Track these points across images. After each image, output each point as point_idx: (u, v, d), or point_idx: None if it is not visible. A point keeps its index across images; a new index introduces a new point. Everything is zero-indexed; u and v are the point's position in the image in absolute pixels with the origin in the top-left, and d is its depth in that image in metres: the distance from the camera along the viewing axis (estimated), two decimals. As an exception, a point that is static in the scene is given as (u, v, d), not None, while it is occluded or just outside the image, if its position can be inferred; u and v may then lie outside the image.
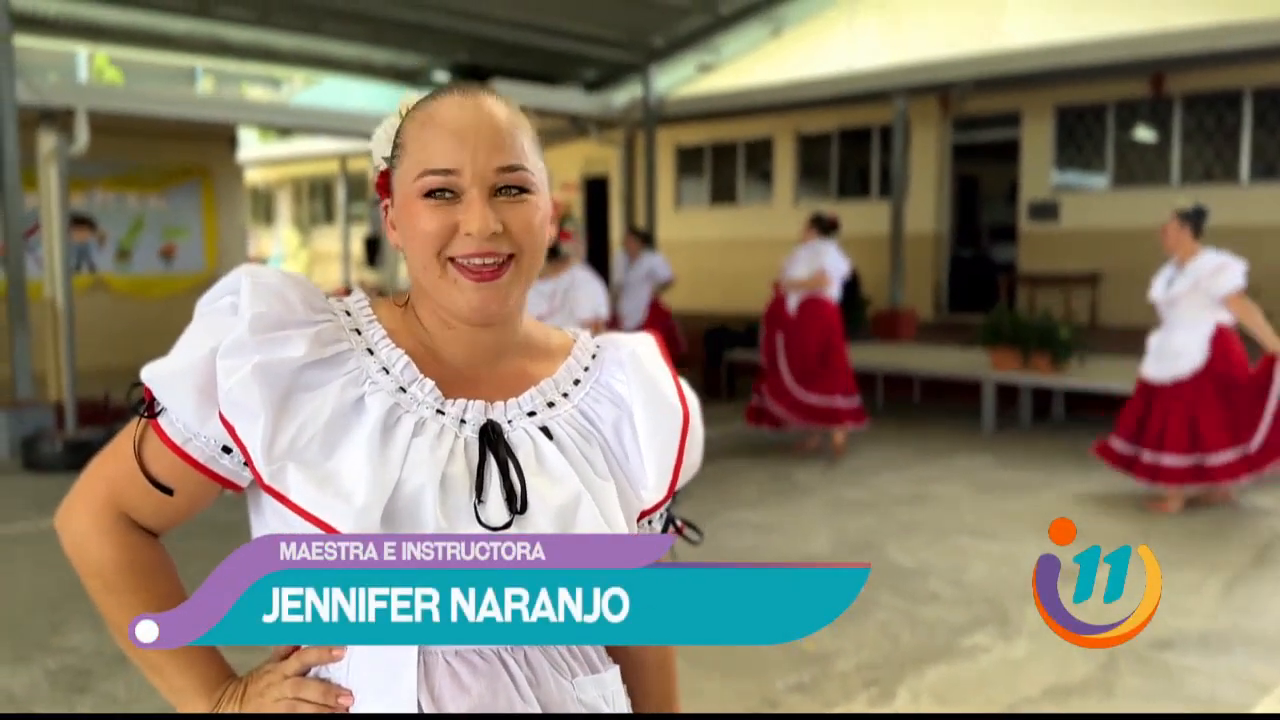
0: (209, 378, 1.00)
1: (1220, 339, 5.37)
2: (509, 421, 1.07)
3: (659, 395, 1.13)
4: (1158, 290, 5.51)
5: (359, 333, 1.08)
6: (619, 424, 1.12)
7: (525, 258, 1.06)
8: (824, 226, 7.08)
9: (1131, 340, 5.59)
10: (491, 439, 1.04)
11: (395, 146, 1.09)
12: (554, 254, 5.94)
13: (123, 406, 1.13)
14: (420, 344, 1.10)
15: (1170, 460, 5.44)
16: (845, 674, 3.56)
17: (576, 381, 1.13)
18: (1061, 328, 7.94)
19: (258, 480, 0.99)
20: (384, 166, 1.12)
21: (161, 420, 1.04)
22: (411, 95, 1.15)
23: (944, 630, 3.94)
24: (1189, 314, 5.38)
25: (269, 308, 1.02)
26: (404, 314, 1.12)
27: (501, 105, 1.08)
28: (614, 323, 8.40)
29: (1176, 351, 5.43)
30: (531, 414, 1.09)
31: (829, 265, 6.94)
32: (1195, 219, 5.39)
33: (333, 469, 0.99)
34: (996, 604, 4.20)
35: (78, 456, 6.76)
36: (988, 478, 6.45)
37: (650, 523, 1.13)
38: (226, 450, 1.02)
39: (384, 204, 1.12)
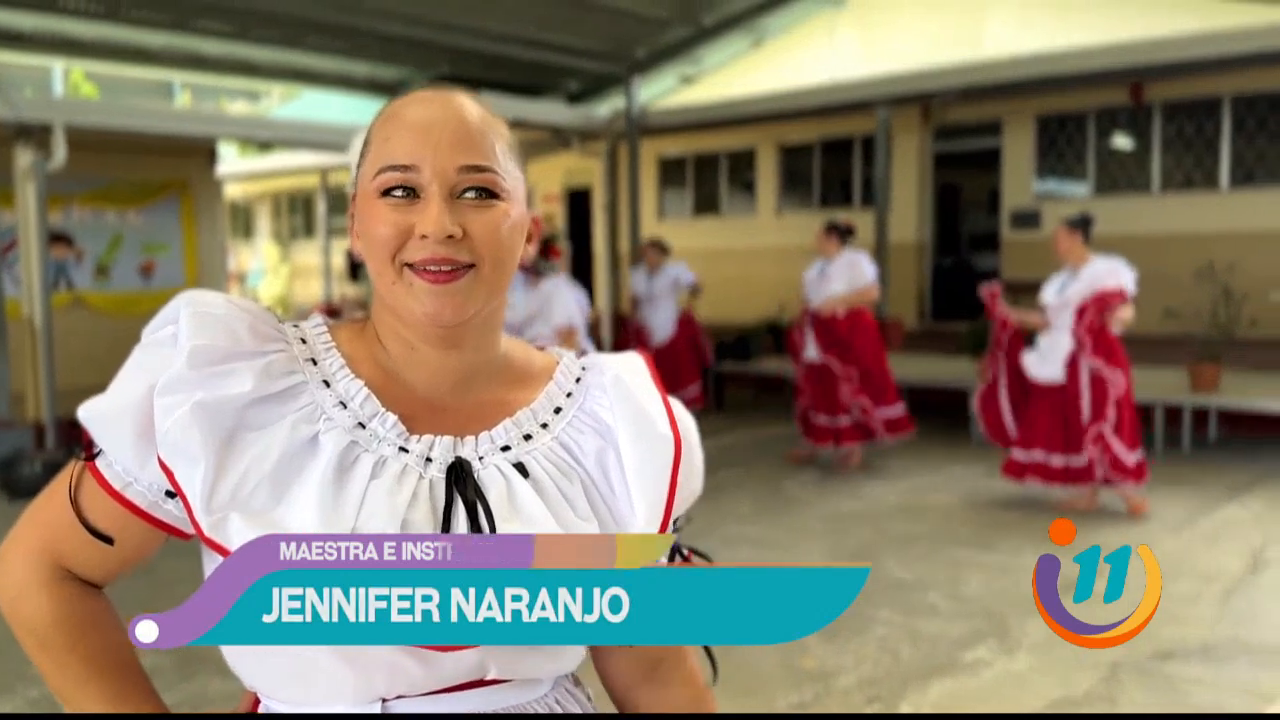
0: (148, 417, 0.92)
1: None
2: (480, 458, 0.98)
3: (646, 424, 1.03)
4: (1049, 294, 5.65)
5: (315, 363, 0.98)
6: (603, 455, 1.02)
7: (486, 267, 0.96)
8: (844, 234, 7.09)
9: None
10: (459, 479, 0.95)
11: (366, 144, 1.01)
12: (539, 271, 5.97)
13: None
14: (383, 371, 1.00)
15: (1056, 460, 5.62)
16: (847, 690, 3.52)
17: (558, 410, 1.04)
18: (1047, 335, 7.94)
19: (197, 531, 0.91)
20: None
21: (99, 463, 0.95)
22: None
23: (944, 644, 3.91)
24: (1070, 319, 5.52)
25: (211, 339, 0.93)
26: (366, 338, 1.03)
27: (473, 104, 0.99)
28: (641, 336, 8.38)
29: (1058, 356, 5.56)
30: (505, 449, 0.99)
31: (870, 273, 7.00)
32: (1084, 226, 5.55)
33: (280, 518, 0.90)
34: (996, 617, 4.17)
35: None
36: (980, 487, 6.43)
37: None
38: (170, 495, 0.93)
39: (350, 212, 1.03)
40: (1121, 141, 11.22)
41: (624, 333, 8.57)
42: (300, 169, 17.03)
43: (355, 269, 12.00)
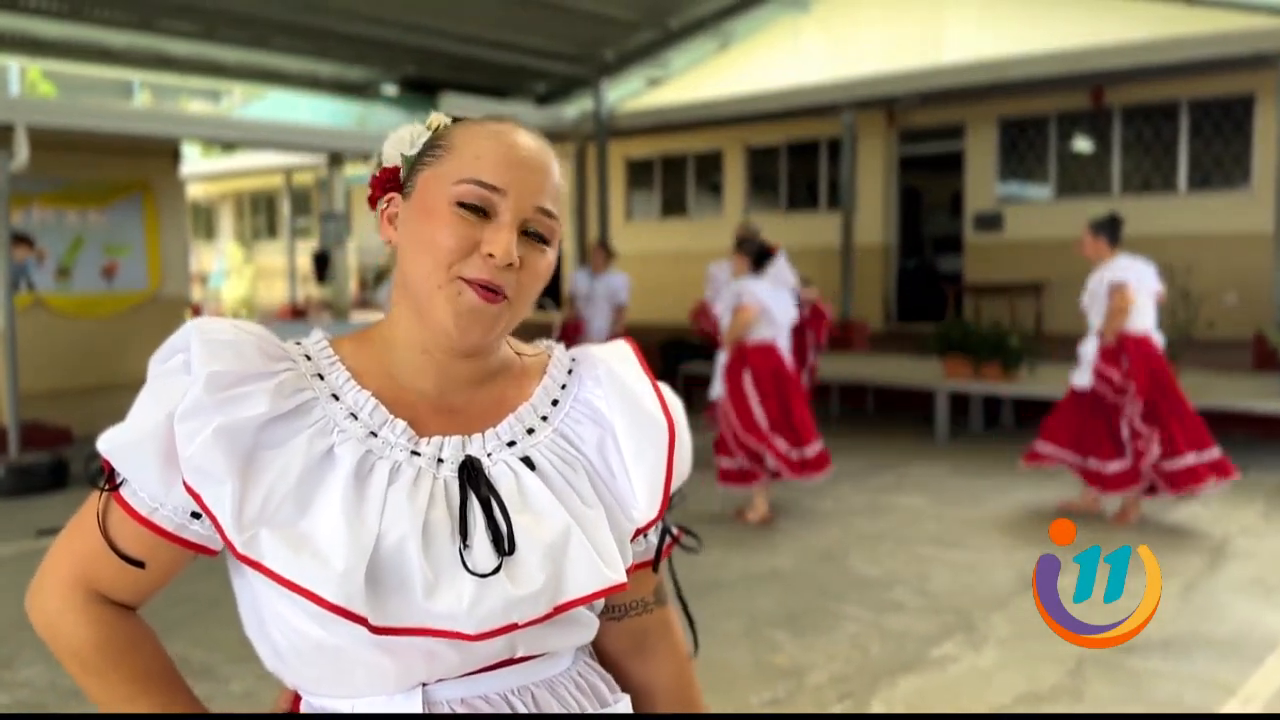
0: (169, 444, 0.94)
1: (1124, 346, 5.40)
2: (488, 455, 1.02)
3: (641, 411, 1.08)
4: (1084, 299, 5.61)
5: (322, 378, 1.02)
6: (603, 443, 1.07)
7: (520, 302, 1.03)
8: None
9: (1075, 347, 5.76)
10: (472, 477, 0.99)
11: (436, 146, 1.04)
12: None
13: (69, 430, 1.04)
14: (390, 378, 1.04)
15: (1113, 466, 5.51)
16: (819, 687, 3.56)
17: (555, 402, 1.08)
18: (1011, 336, 8.07)
19: (231, 550, 0.94)
20: (392, 163, 1.06)
21: (124, 491, 0.98)
22: (438, 115, 1.09)
23: (913, 641, 3.96)
24: (1093, 322, 5.51)
25: (223, 364, 0.96)
26: (372, 346, 1.06)
27: (556, 157, 1.07)
28: (578, 330, 8.43)
29: (1082, 360, 5.57)
30: (511, 444, 1.04)
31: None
32: (1109, 228, 5.45)
33: (307, 529, 0.93)
34: (963, 613, 4.23)
35: (21, 481, 6.58)
36: (945, 486, 6.51)
37: (646, 537, 1.10)
38: (196, 516, 0.97)
39: (389, 198, 1.06)
40: (1082, 145, 11.40)
41: (563, 330, 8.62)
42: (264, 169, 16.90)
43: (321, 271, 11.90)
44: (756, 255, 5.64)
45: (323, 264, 11.87)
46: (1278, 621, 4.11)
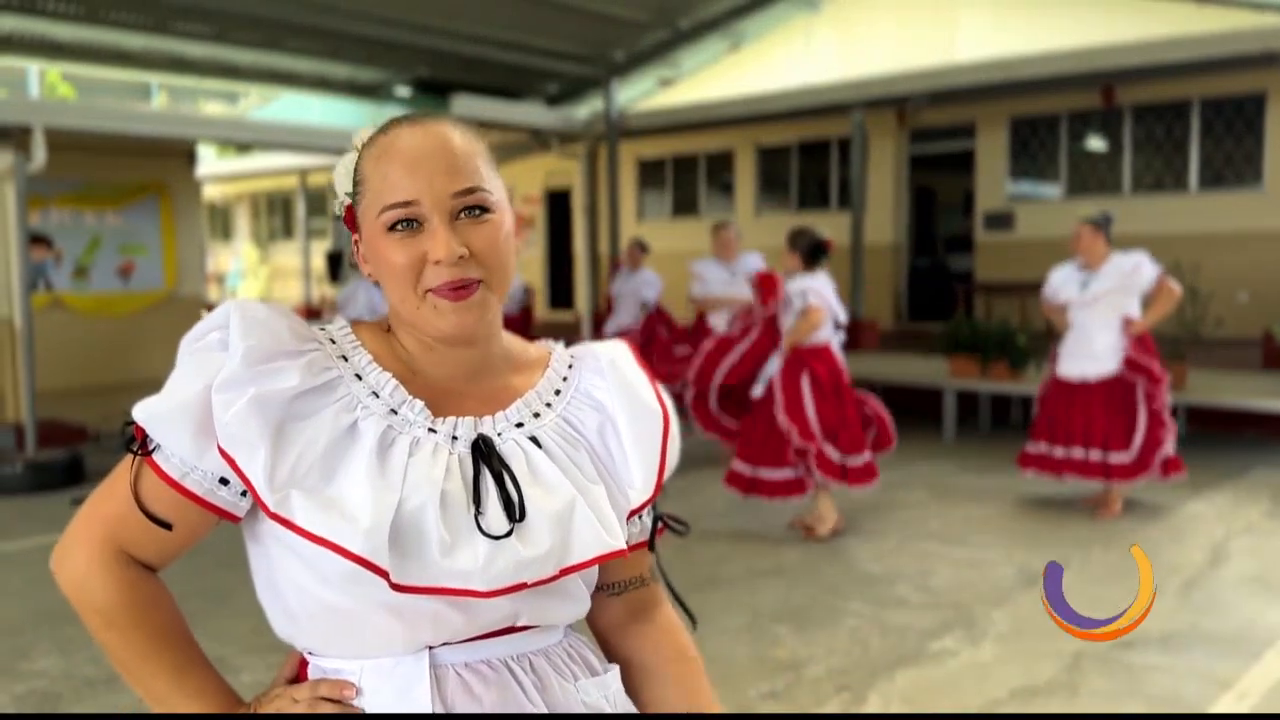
0: (204, 413, 1.02)
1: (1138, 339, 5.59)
2: (499, 434, 1.11)
3: (639, 400, 1.18)
4: (1070, 292, 5.64)
5: (345, 359, 1.11)
6: (603, 429, 1.17)
7: (494, 277, 1.10)
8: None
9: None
10: (485, 452, 1.08)
11: (356, 183, 1.13)
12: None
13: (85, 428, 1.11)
14: (404, 365, 1.13)
15: (1117, 457, 5.57)
16: (817, 680, 3.61)
17: (557, 391, 1.18)
18: (1019, 335, 8.08)
19: (264, 509, 1.01)
20: (348, 201, 1.15)
21: (157, 457, 1.05)
22: (365, 129, 1.17)
23: (913, 635, 4.01)
24: (1106, 314, 5.56)
25: (259, 340, 1.04)
26: (387, 337, 1.15)
27: (454, 129, 1.11)
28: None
29: (1098, 352, 5.58)
30: (519, 425, 1.13)
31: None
32: (1105, 225, 5.63)
33: (335, 494, 1.01)
34: (963, 608, 4.27)
35: (39, 478, 6.68)
36: (950, 484, 6.54)
37: (641, 518, 1.18)
38: (223, 482, 1.04)
39: (355, 239, 1.15)
40: (1094, 144, 11.39)
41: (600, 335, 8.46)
42: (279, 170, 17.01)
43: (335, 271, 11.99)
44: (810, 250, 5.26)
45: (336, 264, 11.95)
46: (1278, 618, 4.13)
